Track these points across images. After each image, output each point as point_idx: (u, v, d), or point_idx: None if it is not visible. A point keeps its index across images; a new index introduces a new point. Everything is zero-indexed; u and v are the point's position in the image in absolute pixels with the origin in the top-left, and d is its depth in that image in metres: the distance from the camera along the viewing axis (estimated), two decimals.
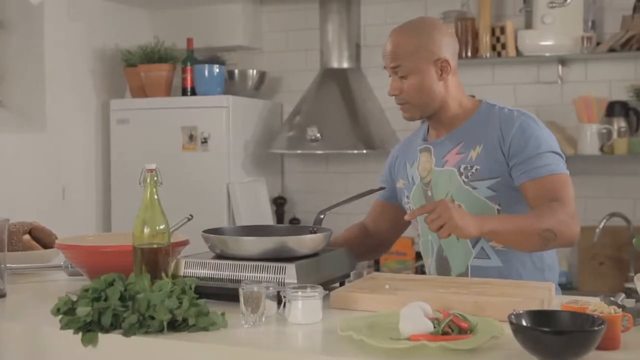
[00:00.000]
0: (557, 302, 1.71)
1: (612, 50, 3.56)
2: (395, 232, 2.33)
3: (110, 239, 2.12)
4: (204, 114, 3.93)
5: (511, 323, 1.32)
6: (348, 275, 2.01)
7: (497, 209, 1.98)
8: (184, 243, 1.99)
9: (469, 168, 2.00)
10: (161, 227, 1.74)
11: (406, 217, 1.91)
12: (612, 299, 1.60)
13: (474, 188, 1.99)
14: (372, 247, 2.33)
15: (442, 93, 2.01)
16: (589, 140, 3.60)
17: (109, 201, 4.21)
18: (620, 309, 1.41)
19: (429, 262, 2.15)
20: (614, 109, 3.65)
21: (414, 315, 1.45)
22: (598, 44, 3.65)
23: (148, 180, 1.77)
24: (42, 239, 2.38)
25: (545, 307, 1.63)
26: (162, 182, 1.81)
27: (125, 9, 4.34)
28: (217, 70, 3.99)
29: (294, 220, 4.43)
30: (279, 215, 4.39)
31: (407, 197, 2.16)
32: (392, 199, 2.25)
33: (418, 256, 4.02)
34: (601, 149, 3.62)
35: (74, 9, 4.00)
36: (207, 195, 3.88)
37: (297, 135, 4.07)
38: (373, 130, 4.07)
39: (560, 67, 3.81)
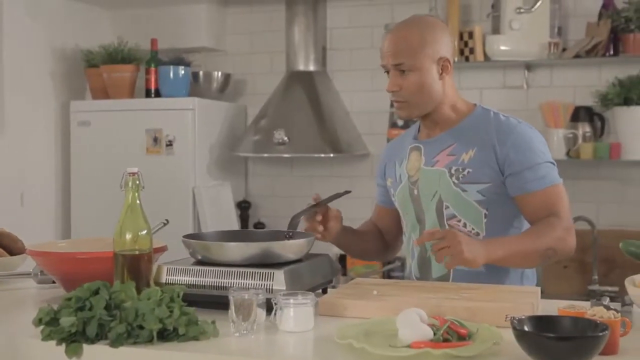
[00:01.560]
0: (542, 306, 1.70)
1: (577, 56, 3.61)
2: (399, 233, 2.25)
3: (83, 245, 2.04)
4: (169, 117, 3.85)
5: (514, 329, 1.30)
6: (331, 281, 1.97)
7: (485, 213, 1.98)
8: (162, 249, 1.93)
9: (460, 170, 1.98)
10: (143, 232, 1.68)
11: (415, 242, 1.91)
12: (604, 303, 1.60)
13: (464, 190, 1.97)
14: (384, 246, 2.29)
15: (440, 93, 1.99)
16: (556, 144, 3.64)
17: (69, 206, 4.09)
18: (619, 314, 1.40)
19: (410, 261, 2.12)
20: (579, 114, 3.70)
21: (413, 322, 1.42)
22: (564, 49, 3.69)
23: (130, 184, 1.70)
24: (8, 245, 2.29)
25: (535, 312, 1.62)
26: (144, 187, 1.74)
27: (86, 8, 4.23)
28: (183, 71, 3.91)
29: (259, 225, 4.37)
30: (243, 220, 4.33)
31: (393, 195, 2.13)
32: (388, 203, 2.21)
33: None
34: (567, 154, 3.66)
35: (33, 7, 3.89)
36: (172, 200, 3.80)
37: (264, 138, 4.02)
38: (340, 134, 4.05)
39: (526, 72, 3.85)
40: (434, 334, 1.38)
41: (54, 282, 2.05)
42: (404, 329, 1.39)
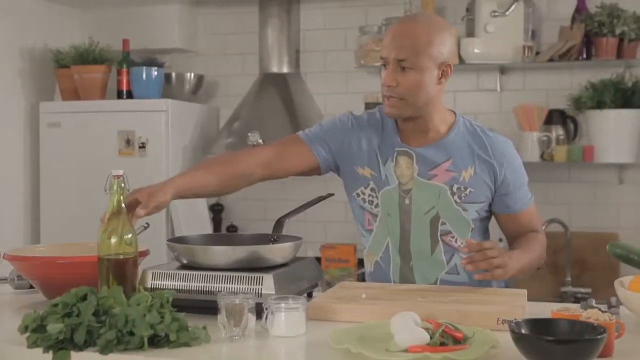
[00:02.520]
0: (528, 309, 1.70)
1: (551, 60, 3.64)
2: (290, 173, 2.11)
3: (61, 249, 2.00)
4: (141, 118, 3.79)
5: (512, 332, 1.29)
6: (316, 285, 1.95)
7: (472, 228, 2.01)
8: (144, 253, 1.89)
9: (462, 189, 1.97)
10: (128, 236, 1.64)
11: (463, 263, 1.80)
12: (594, 304, 1.60)
13: (465, 210, 1.98)
14: (234, 181, 2.04)
15: (434, 98, 1.95)
16: (530, 147, 3.67)
17: (38, 210, 4.00)
18: (614, 316, 1.40)
19: (373, 259, 2.07)
20: (552, 117, 3.73)
21: (408, 325, 1.41)
22: (537, 53, 3.72)
23: (115, 187, 1.66)
24: None
25: (524, 314, 1.61)
26: (129, 189, 1.70)
27: (56, 8, 4.15)
28: (156, 73, 3.86)
29: (231, 228, 4.33)
30: (216, 223, 4.29)
31: (373, 189, 2.02)
32: (319, 153, 2.04)
33: (360, 263, 4.00)
34: (541, 156, 3.70)
35: (1, 7, 3.79)
36: None
37: (237, 140, 3.98)
38: None
39: (500, 75, 3.87)
40: (430, 337, 1.36)
41: (31, 287, 2.00)
42: (400, 333, 1.38)
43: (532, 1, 3.75)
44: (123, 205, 1.66)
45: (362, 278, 3.88)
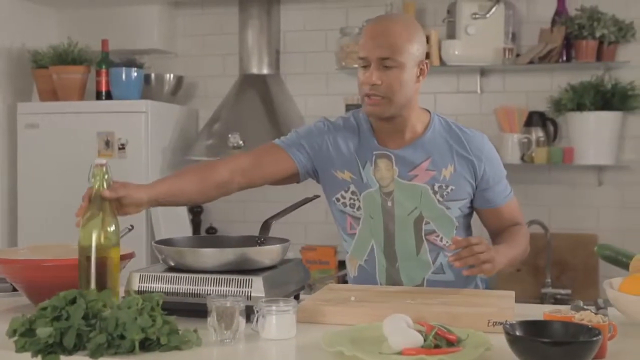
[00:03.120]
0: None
1: (531, 62, 3.66)
2: (267, 182, 2.10)
3: (44, 251, 1.96)
4: (121, 119, 3.74)
5: (507, 334, 1.29)
6: (303, 287, 1.94)
7: (456, 225, 2.02)
8: (129, 256, 1.87)
9: (444, 187, 1.97)
10: (111, 227, 1.61)
11: (450, 260, 1.75)
12: (585, 307, 1.61)
13: (448, 208, 1.99)
14: (213, 191, 1.98)
15: (413, 96, 1.94)
16: (510, 149, 3.69)
17: (15, 211, 3.94)
18: (607, 318, 1.41)
19: (357, 263, 2.07)
20: (532, 119, 3.75)
21: (401, 328, 1.40)
22: (517, 55, 3.74)
23: (97, 177, 1.63)
24: None
25: (514, 316, 1.61)
26: (112, 181, 1.68)
27: (33, 8, 4.09)
28: (135, 73, 3.82)
29: (211, 230, 4.30)
30: (196, 225, 4.26)
31: (354, 192, 2.01)
32: (298, 158, 2.03)
33: (341, 265, 3.99)
34: (522, 158, 3.72)
35: None
36: None
37: (217, 142, 3.95)
38: None
39: (480, 77, 3.89)
40: (424, 340, 1.36)
41: (14, 289, 1.97)
42: (394, 335, 1.37)
43: (513, 3, 3.77)
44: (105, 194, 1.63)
45: (342, 280, 3.87)
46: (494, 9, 3.65)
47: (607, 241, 3.75)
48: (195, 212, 4.27)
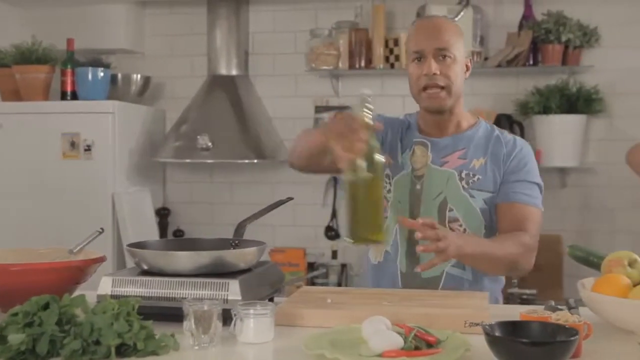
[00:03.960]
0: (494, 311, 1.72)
1: (499, 65, 3.70)
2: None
3: (10, 255, 1.92)
4: (87, 120, 3.69)
5: (487, 334, 1.30)
6: (278, 290, 1.93)
7: (485, 225, 2.02)
8: (100, 259, 1.84)
9: (470, 175, 2.01)
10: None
11: (418, 237, 1.73)
12: (559, 307, 1.63)
13: (472, 196, 2.00)
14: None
15: (462, 91, 2.03)
16: None
17: None
18: (582, 318, 1.43)
19: (384, 248, 2.06)
20: (499, 121, 3.79)
21: (380, 330, 1.40)
22: (485, 58, 3.78)
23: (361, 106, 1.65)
24: None
25: (490, 317, 1.62)
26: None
27: None
28: (102, 74, 3.76)
29: (178, 232, 4.26)
30: (163, 227, 4.21)
31: (388, 175, 2.05)
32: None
33: (310, 267, 3.99)
34: None
35: None
36: (90, 206, 3.64)
37: (185, 143, 3.92)
38: (263, 140, 4.00)
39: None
40: (404, 342, 1.36)
41: None
42: (374, 337, 1.37)
43: (481, 7, 3.81)
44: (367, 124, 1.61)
45: (311, 282, 3.87)
46: (462, 13, 3.69)
47: (571, 242, 3.80)
48: (162, 215, 4.22)
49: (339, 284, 3.93)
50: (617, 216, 3.83)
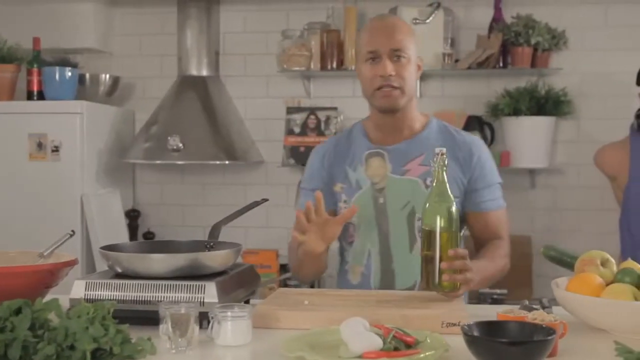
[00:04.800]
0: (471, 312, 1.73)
1: (469, 67, 3.73)
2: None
3: None
4: (54, 121, 3.62)
5: (465, 334, 1.30)
6: (254, 292, 1.92)
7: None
8: (72, 262, 1.81)
9: None
10: (452, 208, 1.83)
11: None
12: (534, 306, 1.64)
13: None
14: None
15: (415, 91, 2.02)
16: None
17: None
18: (557, 317, 1.44)
19: (360, 270, 2.06)
20: (469, 123, 3.81)
21: (359, 331, 1.39)
22: (456, 60, 3.80)
23: (438, 163, 1.77)
24: None
25: (467, 317, 1.63)
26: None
27: None
28: (70, 73, 3.70)
29: (149, 235, 4.22)
30: (132, 229, 4.16)
31: (345, 201, 2.06)
32: (330, 206, 2.06)
33: (282, 269, 3.98)
34: None
35: None
36: (58, 209, 3.59)
37: (156, 145, 3.88)
38: (235, 141, 3.98)
39: (419, 81, 3.93)
40: (385, 343, 1.36)
41: None
42: (353, 339, 1.36)
43: (451, 10, 3.83)
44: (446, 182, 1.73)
45: (284, 284, 3.85)
46: (433, 15, 3.70)
47: (540, 242, 3.85)
48: (132, 217, 4.18)
49: (312, 286, 3.92)
50: (585, 217, 3.88)
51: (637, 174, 3.05)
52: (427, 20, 3.69)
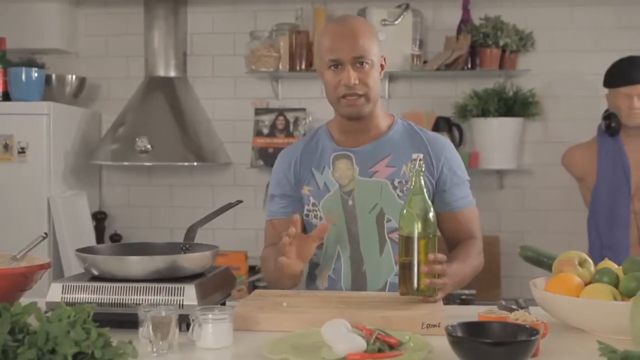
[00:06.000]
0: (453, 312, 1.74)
1: (438, 69, 3.75)
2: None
3: None
4: (21, 122, 3.56)
5: (449, 335, 1.31)
6: (229, 294, 1.91)
7: None
8: (45, 266, 1.77)
9: (403, 183, 1.99)
10: (430, 214, 1.77)
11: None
12: (513, 307, 1.65)
13: None
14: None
15: (379, 92, 2.00)
16: None
17: None
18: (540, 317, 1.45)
19: (327, 274, 2.05)
20: (438, 124, 3.84)
21: (342, 333, 1.39)
22: (425, 62, 3.82)
23: (415, 168, 1.79)
24: None
25: (445, 318, 1.63)
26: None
27: None
28: (36, 74, 3.64)
29: (116, 237, 4.16)
30: (99, 231, 4.11)
31: (314, 204, 2.04)
32: (299, 213, 2.07)
33: (251, 271, 3.96)
34: None
35: None
36: (24, 211, 3.52)
37: (123, 146, 3.83)
38: (203, 142, 3.95)
39: (388, 82, 3.95)
40: (368, 345, 1.36)
41: None
42: (336, 341, 1.36)
43: (420, 11, 3.85)
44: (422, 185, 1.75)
45: (253, 286, 3.83)
46: (402, 16, 3.72)
47: (508, 242, 3.90)
48: (99, 219, 4.12)
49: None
50: (553, 217, 3.93)
51: (604, 174, 3.10)
52: (396, 22, 3.71)
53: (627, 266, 1.63)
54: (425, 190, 1.77)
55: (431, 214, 1.74)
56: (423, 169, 1.77)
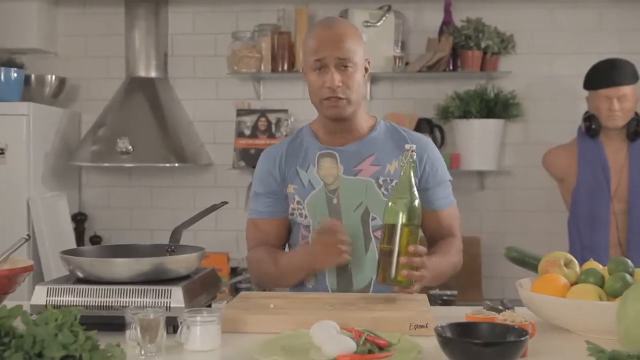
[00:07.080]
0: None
1: (420, 70, 3.77)
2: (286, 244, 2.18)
3: None
4: (0, 123, 3.52)
5: (439, 336, 1.31)
6: (215, 296, 1.90)
7: None
8: (28, 269, 1.75)
9: (388, 181, 2.00)
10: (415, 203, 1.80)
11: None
12: (499, 307, 1.66)
13: None
14: None
15: (363, 94, 2.01)
16: None
17: None
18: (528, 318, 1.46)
19: (312, 272, 2.04)
20: (420, 125, 3.85)
21: (332, 335, 1.39)
22: (406, 63, 3.83)
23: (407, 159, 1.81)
24: None
25: (433, 318, 1.64)
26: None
27: None
28: (15, 74, 3.60)
29: (95, 238, 4.13)
30: (79, 233, 4.07)
31: (299, 202, 2.04)
32: (280, 213, 2.09)
33: (233, 272, 3.94)
34: None
35: None
36: (4, 212, 3.49)
37: (104, 147, 3.80)
38: (184, 143, 3.93)
39: (370, 84, 3.96)
40: (358, 346, 1.36)
41: None
42: (326, 342, 1.36)
43: (402, 13, 3.86)
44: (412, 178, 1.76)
45: (235, 288, 3.82)
46: (384, 18, 3.73)
47: (489, 243, 3.92)
48: (79, 220, 4.08)
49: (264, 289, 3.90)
50: (533, 218, 3.96)
51: (584, 175, 3.13)
52: (378, 23, 3.71)
53: (612, 267, 1.65)
54: (414, 181, 1.79)
55: (417, 204, 1.77)
56: (414, 159, 1.79)
